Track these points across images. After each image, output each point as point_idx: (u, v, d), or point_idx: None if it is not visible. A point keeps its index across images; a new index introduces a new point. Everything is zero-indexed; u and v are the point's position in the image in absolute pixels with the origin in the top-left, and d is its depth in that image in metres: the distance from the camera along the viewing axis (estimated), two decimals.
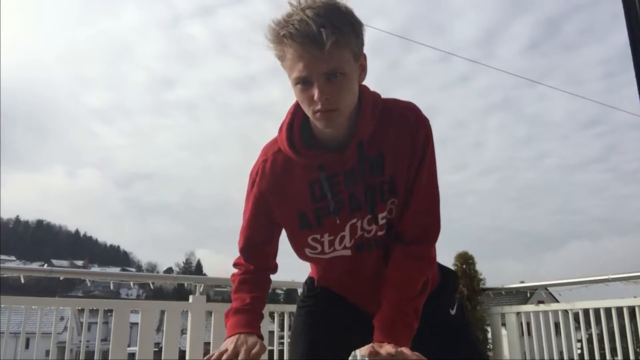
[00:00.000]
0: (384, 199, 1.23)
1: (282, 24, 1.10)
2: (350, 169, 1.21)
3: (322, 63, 1.09)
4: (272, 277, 1.42)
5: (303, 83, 1.12)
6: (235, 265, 1.40)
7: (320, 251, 1.29)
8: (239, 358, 1.16)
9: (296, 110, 1.24)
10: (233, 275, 1.38)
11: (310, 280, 1.48)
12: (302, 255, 1.34)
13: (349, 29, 1.11)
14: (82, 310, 3.20)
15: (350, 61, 1.13)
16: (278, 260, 1.43)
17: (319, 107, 1.12)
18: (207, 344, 3.28)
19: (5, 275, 3.03)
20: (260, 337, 1.26)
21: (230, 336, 1.24)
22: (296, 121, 1.24)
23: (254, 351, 1.18)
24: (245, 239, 1.37)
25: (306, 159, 1.22)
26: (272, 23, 1.12)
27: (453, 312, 1.42)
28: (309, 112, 1.16)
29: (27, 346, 2.99)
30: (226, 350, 1.18)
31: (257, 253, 1.37)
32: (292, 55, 1.11)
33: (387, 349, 1.09)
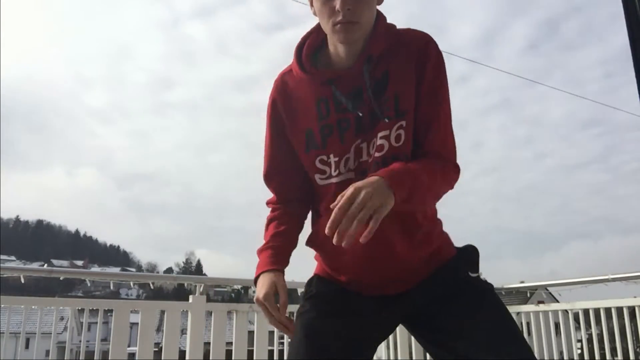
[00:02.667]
0: (389, 117, 1.20)
1: None
2: (358, 88, 1.21)
3: None
4: None
5: None
6: (267, 203, 1.41)
7: (328, 175, 1.26)
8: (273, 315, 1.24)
9: (312, 31, 1.28)
10: (268, 207, 1.40)
11: (309, 280, 1.40)
12: (315, 182, 1.29)
13: None
14: (82, 310, 3.20)
15: None
16: None
17: (339, 18, 1.14)
18: (207, 344, 3.28)
19: (5, 275, 3.02)
20: (281, 272, 1.29)
21: (256, 279, 1.29)
22: (310, 41, 1.27)
23: (280, 303, 1.24)
24: (268, 163, 1.37)
25: (313, 76, 1.24)
26: None
27: (475, 274, 1.29)
28: (328, 26, 1.18)
29: (27, 346, 2.98)
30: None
31: (281, 179, 1.36)
32: None
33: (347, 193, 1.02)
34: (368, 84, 1.20)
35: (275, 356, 3.61)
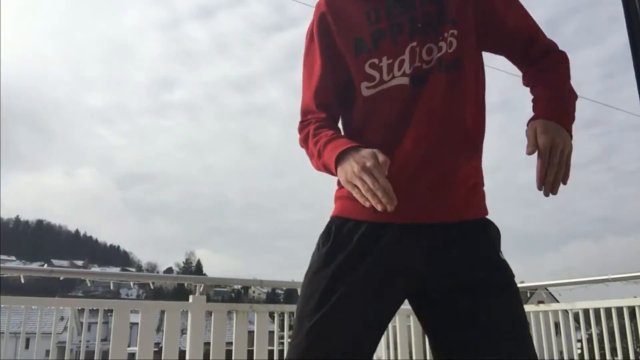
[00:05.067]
0: (440, 24, 1.19)
1: None
2: None
3: None
4: (271, 277, 1.35)
5: None
6: (302, 122, 1.29)
7: (379, 80, 1.20)
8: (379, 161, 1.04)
9: None
10: (303, 128, 1.28)
11: (327, 225, 1.23)
12: (359, 96, 1.22)
13: None
14: (82, 310, 3.20)
15: None
16: (276, 259, 1.39)
17: None
18: (207, 344, 3.28)
19: (5, 275, 3.02)
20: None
21: (341, 153, 1.10)
22: None
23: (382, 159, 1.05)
24: (316, 86, 1.28)
25: None
26: None
27: (503, 257, 1.21)
28: None
29: (27, 346, 2.99)
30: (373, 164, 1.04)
31: (328, 100, 1.28)
32: None
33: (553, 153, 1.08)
34: None
35: (275, 356, 3.61)
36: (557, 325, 3.87)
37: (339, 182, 1.24)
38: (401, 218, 1.14)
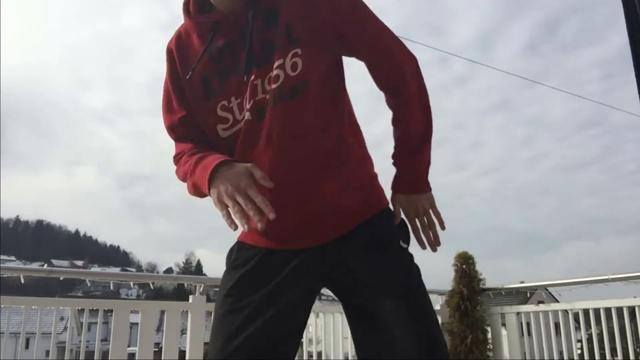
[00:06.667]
0: (281, 45, 1.13)
1: None
2: (245, 25, 1.15)
3: None
4: None
5: None
6: (175, 157, 1.29)
7: (233, 121, 1.18)
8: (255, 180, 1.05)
9: None
10: (177, 163, 1.27)
11: (231, 248, 1.29)
12: (217, 139, 1.21)
13: None
14: (82, 310, 3.19)
15: None
16: None
17: None
18: (207, 344, 3.28)
19: (5, 275, 3.02)
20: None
21: (214, 171, 1.08)
22: None
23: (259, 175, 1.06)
24: (170, 120, 1.28)
25: (200, 21, 1.20)
26: None
27: (405, 245, 1.25)
28: None
29: (27, 346, 2.99)
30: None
31: (191, 129, 1.26)
32: None
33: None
34: (255, 20, 1.15)
35: None
36: (557, 325, 3.87)
37: None
38: (287, 245, 1.21)
